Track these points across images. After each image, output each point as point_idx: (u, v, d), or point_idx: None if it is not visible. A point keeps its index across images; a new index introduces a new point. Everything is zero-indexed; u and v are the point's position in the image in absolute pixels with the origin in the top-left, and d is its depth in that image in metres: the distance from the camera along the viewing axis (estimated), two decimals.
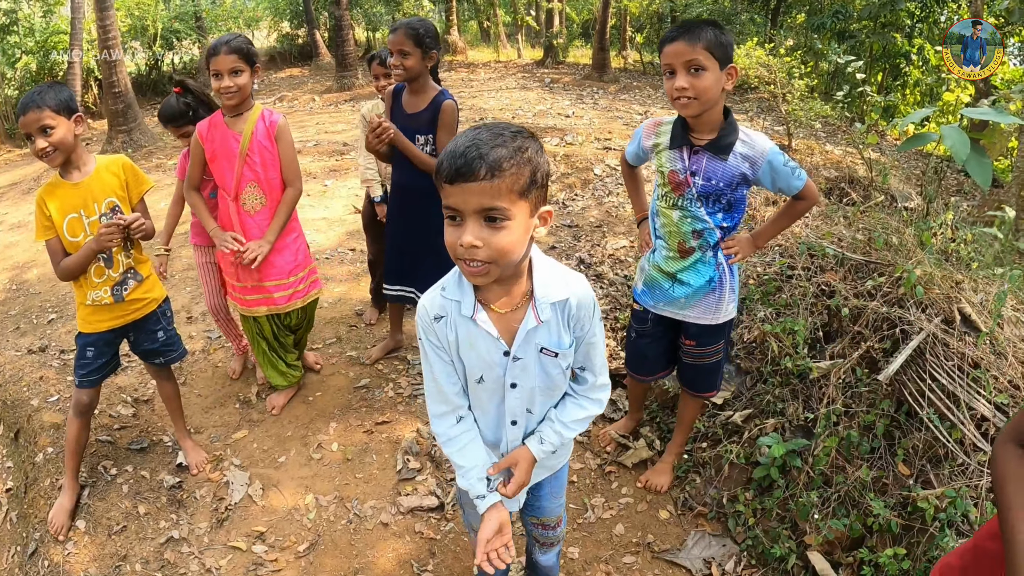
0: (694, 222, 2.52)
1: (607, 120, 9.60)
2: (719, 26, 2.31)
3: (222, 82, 3.05)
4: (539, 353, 1.71)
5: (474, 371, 1.74)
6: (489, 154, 1.41)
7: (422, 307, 1.71)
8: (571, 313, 1.69)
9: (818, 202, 2.56)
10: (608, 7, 13.69)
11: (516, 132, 1.49)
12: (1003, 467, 1.35)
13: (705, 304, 2.64)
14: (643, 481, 3.01)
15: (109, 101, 9.86)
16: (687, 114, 2.38)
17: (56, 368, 4.11)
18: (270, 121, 3.22)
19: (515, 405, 1.78)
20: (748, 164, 2.41)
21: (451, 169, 1.43)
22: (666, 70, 2.34)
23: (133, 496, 3.12)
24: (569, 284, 1.69)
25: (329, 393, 3.80)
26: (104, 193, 2.76)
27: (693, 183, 2.46)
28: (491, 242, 1.45)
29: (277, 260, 3.35)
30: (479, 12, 23.40)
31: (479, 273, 1.50)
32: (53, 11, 14.10)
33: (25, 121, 2.58)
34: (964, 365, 2.67)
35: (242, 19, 18.49)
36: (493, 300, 1.66)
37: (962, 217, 4.15)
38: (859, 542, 2.58)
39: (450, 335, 1.69)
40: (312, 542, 2.87)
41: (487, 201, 1.43)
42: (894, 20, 11.70)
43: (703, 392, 2.90)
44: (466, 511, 2.14)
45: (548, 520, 2.18)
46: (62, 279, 2.81)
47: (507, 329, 1.68)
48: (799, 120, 7.56)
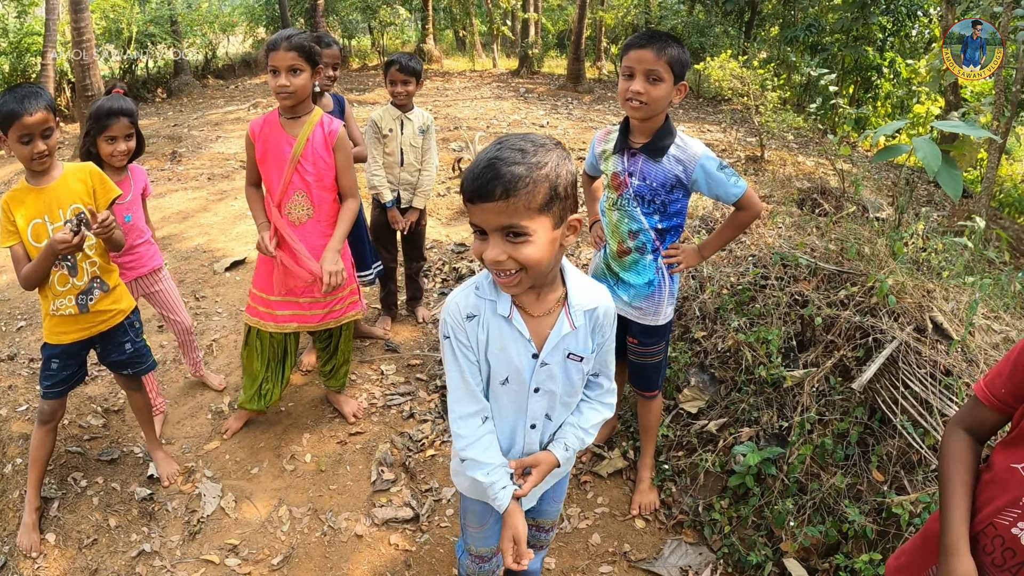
0: (631, 222, 2.63)
1: (581, 130, 9.64)
2: (683, 45, 2.45)
3: (278, 80, 2.87)
4: (566, 359, 1.75)
5: (500, 373, 1.75)
6: (504, 175, 1.44)
7: (454, 305, 1.71)
8: (598, 321, 1.77)
9: (760, 213, 2.64)
10: (583, 18, 13.77)
11: (538, 146, 1.50)
12: (949, 447, 1.55)
13: (646, 305, 2.72)
14: (635, 510, 3.01)
15: (82, 104, 9.70)
16: (635, 116, 2.49)
17: (25, 377, 4.03)
18: (330, 129, 3.05)
19: (536, 409, 1.81)
20: (680, 167, 2.51)
21: (471, 190, 1.48)
22: (625, 72, 2.45)
23: (104, 508, 3.06)
24: (597, 293, 1.77)
25: (302, 403, 3.76)
26: (70, 199, 2.70)
27: (630, 183, 2.58)
28: (515, 256, 1.50)
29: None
30: (455, 21, 23.43)
31: (511, 283, 1.55)
32: (27, 12, 13.89)
33: (31, 122, 2.49)
34: (936, 372, 2.70)
35: (218, 24, 18.33)
36: (526, 304, 1.70)
37: (933, 227, 4.21)
38: (835, 548, 2.60)
39: (481, 335, 1.71)
40: (286, 554, 2.84)
41: (505, 220, 1.47)
42: (866, 34, 11.89)
43: (647, 391, 2.95)
44: (471, 529, 2.10)
45: (546, 523, 2.22)
46: (25, 287, 2.74)
47: (537, 333, 1.72)
48: (772, 131, 7.66)
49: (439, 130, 9.34)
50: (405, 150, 4.07)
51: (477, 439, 1.78)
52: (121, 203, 3.22)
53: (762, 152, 8.06)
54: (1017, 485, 1.39)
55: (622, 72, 2.46)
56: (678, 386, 3.40)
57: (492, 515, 2.03)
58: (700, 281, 3.81)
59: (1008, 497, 1.40)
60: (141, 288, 3.44)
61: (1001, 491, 1.42)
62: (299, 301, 3.21)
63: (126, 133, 3.14)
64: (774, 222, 4.28)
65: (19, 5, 13.84)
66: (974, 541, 1.45)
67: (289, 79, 2.88)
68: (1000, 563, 1.41)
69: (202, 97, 14.38)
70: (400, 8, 18.44)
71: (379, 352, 4.25)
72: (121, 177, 3.26)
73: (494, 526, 2.07)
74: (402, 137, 4.05)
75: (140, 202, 3.38)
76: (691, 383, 3.37)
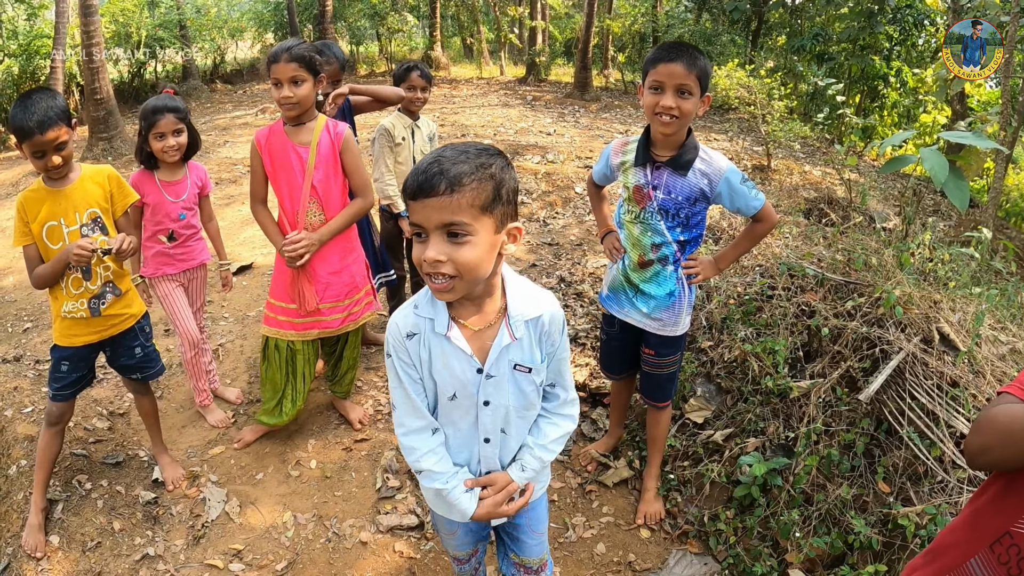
0: (654, 235, 2.62)
1: (588, 138, 9.65)
2: (705, 55, 2.43)
3: (281, 92, 2.89)
4: (513, 370, 1.72)
5: (447, 389, 1.72)
6: (450, 170, 1.45)
7: (394, 325, 1.70)
8: (543, 329, 1.73)
9: (776, 224, 2.66)
10: (591, 26, 13.78)
11: (481, 150, 1.52)
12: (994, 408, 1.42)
13: (666, 316, 2.71)
14: (640, 520, 3.00)
15: (91, 107, 9.75)
16: (666, 132, 2.46)
17: (31, 378, 4.04)
18: (335, 133, 3.07)
19: (488, 423, 1.77)
20: (706, 181, 2.51)
21: (414, 185, 1.47)
22: (653, 85, 2.41)
23: (108, 511, 3.07)
24: (540, 301, 1.73)
25: (308, 409, 3.76)
26: (87, 203, 2.71)
27: (654, 197, 2.57)
28: (454, 257, 1.47)
29: (335, 282, 3.21)
30: (463, 29, 23.47)
31: (444, 289, 1.52)
32: (37, 14, 13.96)
33: (43, 141, 2.50)
34: (943, 384, 2.70)
35: (227, 29, 18.41)
36: (466, 317, 1.67)
37: (939, 237, 4.20)
38: (840, 559, 2.59)
39: (423, 353, 1.68)
40: (290, 561, 2.83)
41: (447, 216, 1.46)
42: (873, 43, 11.87)
43: (659, 402, 2.94)
44: (443, 535, 2.09)
45: (530, 562, 2.08)
46: (36, 287, 2.76)
47: (480, 347, 1.68)
48: (778, 140, 7.66)
49: (446, 137, 9.35)
50: (417, 158, 4.04)
51: (429, 450, 1.76)
52: (177, 201, 3.34)
53: (769, 161, 8.06)
54: None
55: (649, 86, 2.43)
56: (684, 396, 3.39)
57: (460, 526, 1.99)
58: (707, 291, 3.81)
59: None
60: (184, 278, 3.52)
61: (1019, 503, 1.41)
62: (319, 307, 3.21)
63: (174, 129, 3.20)
64: (781, 232, 4.28)
65: (29, 8, 13.92)
66: (990, 550, 1.44)
67: (292, 90, 2.89)
68: (1016, 573, 1.41)
69: (210, 102, 14.43)
70: (408, 15, 18.47)
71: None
72: (179, 175, 3.35)
73: (464, 536, 2.04)
74: (415, 145, 4.03)
75: (196, 199, 3.45)
76: (697, 393, 3.37)
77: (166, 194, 3.31)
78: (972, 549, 1.47)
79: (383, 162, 3.98)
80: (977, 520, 1.49)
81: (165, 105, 3.20)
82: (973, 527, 1.50)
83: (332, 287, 3.21)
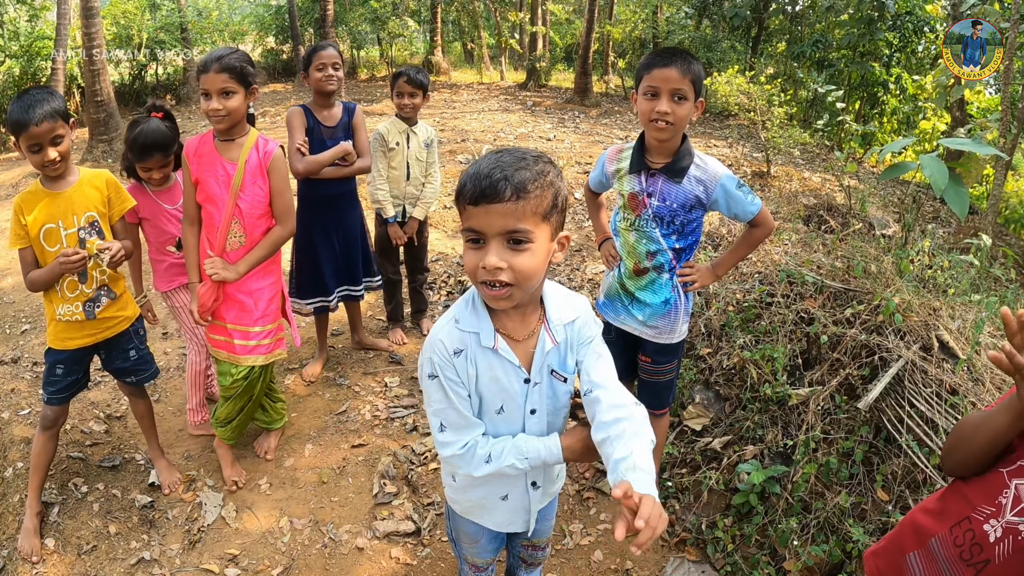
0: (649, 243, 2.60)
1: (588, 144, 9.66)
2: (699, 60, 2.44)
3: (210, 104, 2.74)
4: (550, 375, 1.71)
5: (494, 402, 1.69)
6: (514, 176, 1.42)
7: (438, 342, 1.62)
8: (578, 330, 1.72)
9: (773, 229, 2.65)
10: (591, 32, 13.80)
11: (537, 156, 1.51)
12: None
13: (662, 324, 2.69)
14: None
15: (91, 109, 9.76)
16: (661, 137, 2.45)
17: (28, 380, 4.03)
18: (264, 152, 2.90)
19: (535, 431, 1.74)
20: (702, 187, 2.50)
21: (476, 191, 1.43)
22: (648, 91, 2.41)
23: (104, 515, 3.06)
24: (576, 303, 1.74)
25: (305, 415, 3.75)
26: (85, 207, 2.71)
27: (649, 204, 2.55)
28: (514, 264, 1.45)
29: (246, 301, 3.00)
30: (463, 34, 23.53)
31: (502, 296, 1.49)
32: (39, 16, 14.00)
33: (38, 132, 2.49)
34: (942, 391, 2.69)
35: (227, 32, 18.46)
36: (509, 327, 1.65)
37: (939, 244, 4.19)
38: (838, 568, 2.58)
39: (471, 369, 1.64)
40: (286, 566, 2.82)
41: (512, 223, 1.43)
42: (872, 50, 11.89)
43: (656, 409, 2.91)
44: (465, 544, 2.06)
45: (540, 541, 2.17)
46: (30, 290, 2.76)
47: (524, 356, 1.67)
48: (778, 147, 7.66)
49: (446, 142, 9.36)
50: (411, 164, 4.05)
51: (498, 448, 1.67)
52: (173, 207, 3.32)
53: (768, 168, 8.06)
54: (999, 486, 1.46)
55: (643, 91, 2.42)
56: (683, 403, 3.38)
57: (484, 534, 1.99)
58: (706, 298, 3.80)
59: (988, 495, 1.48)
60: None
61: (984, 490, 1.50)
62: (225, 326, 3.02)
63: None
64: (780, 239, 4.27)
65: (31, 9, 13.95)
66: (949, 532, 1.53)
67: (221, 102, 2.75)
68: (967, 557, 1.48)
69: None
70: (409, 20, 18.50)
71: (383, 364, 4.25)
72: (169, 183, 3.33)
73: (487, 544, 2.04)
74: (408, 151, 4.03)
75: None
76: (696, 400, 3.36)
77: (161, 202, 3.28)
78: (935, 530, 1.56)
79: (375, 166, 3.98)
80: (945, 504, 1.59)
81: (155, 144, 3.11)
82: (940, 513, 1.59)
83: (243, 307, 3.00)
